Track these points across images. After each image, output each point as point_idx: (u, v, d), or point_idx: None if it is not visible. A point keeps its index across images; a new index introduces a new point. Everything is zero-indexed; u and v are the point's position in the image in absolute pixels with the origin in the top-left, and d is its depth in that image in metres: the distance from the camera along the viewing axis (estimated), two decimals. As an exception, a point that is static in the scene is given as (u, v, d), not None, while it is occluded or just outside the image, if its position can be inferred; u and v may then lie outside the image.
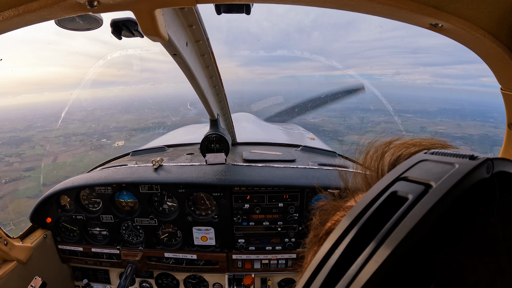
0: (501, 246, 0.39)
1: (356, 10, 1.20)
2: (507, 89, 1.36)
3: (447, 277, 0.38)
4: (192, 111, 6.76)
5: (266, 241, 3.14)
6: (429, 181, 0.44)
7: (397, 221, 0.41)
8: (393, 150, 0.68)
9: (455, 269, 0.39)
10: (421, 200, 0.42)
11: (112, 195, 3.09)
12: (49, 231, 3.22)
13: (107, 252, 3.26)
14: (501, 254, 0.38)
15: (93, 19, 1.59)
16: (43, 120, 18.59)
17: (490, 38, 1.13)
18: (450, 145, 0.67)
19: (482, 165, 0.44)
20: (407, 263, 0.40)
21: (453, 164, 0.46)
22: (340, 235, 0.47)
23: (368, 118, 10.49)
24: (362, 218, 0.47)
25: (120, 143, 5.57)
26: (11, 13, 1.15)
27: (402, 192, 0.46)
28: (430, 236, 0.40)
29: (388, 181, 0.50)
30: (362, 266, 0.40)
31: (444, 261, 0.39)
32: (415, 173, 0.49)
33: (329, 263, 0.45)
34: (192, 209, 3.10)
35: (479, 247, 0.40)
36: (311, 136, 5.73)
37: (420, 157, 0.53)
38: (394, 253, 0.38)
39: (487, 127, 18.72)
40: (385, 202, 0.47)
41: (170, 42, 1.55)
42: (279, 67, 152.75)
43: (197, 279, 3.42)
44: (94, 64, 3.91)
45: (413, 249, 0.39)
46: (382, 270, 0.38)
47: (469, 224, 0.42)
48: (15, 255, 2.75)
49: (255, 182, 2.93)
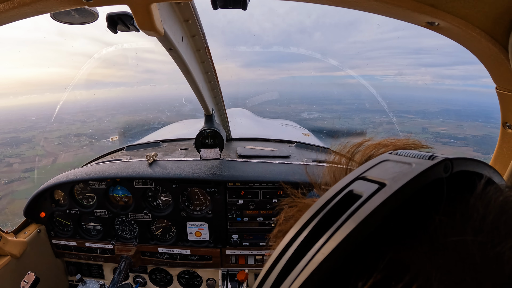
0: (441, 243, 0.40)
1: (353, 7, 1.20)
2: (502, 88, 1.36)
3: (388, 269, 0.39)
4: (187, 106, 6.74)
5: (260, 237, 3.14)
6: (384, 180, 0.46)
7: (348, 217, 0.43)
8: (365, 150, 0.70)
9: (398, 262, 0.40)
10: (372, 197, 0.44)
11: (106, 190, 3.08)
12: (43, 226, 3.21)
13: (101, 247, 3.26)
14: (441, 251, 0.39)
15: (89, 13, 1.58)
16: (44, 121, 18.47)
17: (486, 37, 1.14)
18: (424, 145, 0.68)
19: (439, 164, 0.45)
20: (353, 256, 0.41)
21: (410, 164, 0.48)
22: (298, 231, 0.49)
23: (369, 119, 10.51)
24: (319, 215, 0.49)
25: (115, 137, 5.54)
26: (6, 6, 1.14)
27: (357, 190, 0.48)
28: (379, 231, 0.42)
29: (348, 180, 0.52)
30: (312, 257, 0.42)
31: (389, 254, 0.40)
32: (374, 173, 0.51)
33: (286, 255, 0.47)
34: (186, 205, 3.10)
35: (422, 243, 0.41)
36: (306, 133, 5.75)
37: (384, 157, 0.55)
38: (340, 246, 0.40)
39: (489, 128, 18.78)
40: (342, 200, 0.49)
41: (166, 36, 1.54)
42: (279, 68, 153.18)
43: (191, 275, 3.43)
44: (95, 65, 3.89)
45: (360, 242, 0.41)
46: (328, 261, 0.40)
47: (417, 221, 0.43)
48: (9, 249, 2.74)
49: (250, 178, 2.94)
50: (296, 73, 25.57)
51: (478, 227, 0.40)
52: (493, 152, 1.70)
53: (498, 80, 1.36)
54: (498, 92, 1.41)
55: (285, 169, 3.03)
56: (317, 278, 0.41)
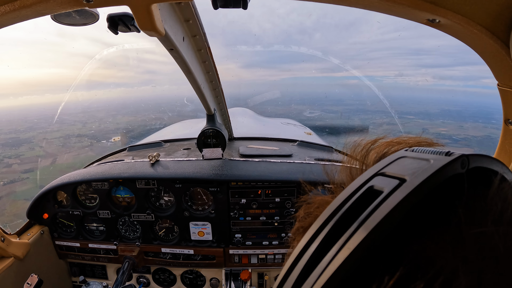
0: (464, 235, 0.41)
1: (354, 5, 1.20)
2: (503, 85, 1.36)
3: (414, 262, 0.40)
4: (189, 106, 6.74)
5: (263, 236, 3.14)
6: (404, 175, 0.47)
7: (370, 212, 0.44)
8: (379, 148, 0.71)
9: (423, 256, 0.40)
10: (394, 193, 0.44)
11: (109, 191, 3.08)
12: (46, 227, 3.21)
13: (104, 248, 3.26)
14: (465, 243, 0.40)
15: (89, 14, 1.59)
16: (44, 122, 18.48)
17: (487, 34, 1.14)
18: (436, 143, 0.69)
19: (456, 160, 0.46)
20: (378, 250, 0.42)
21: (428, 160, 0.49)
22: (319, 227, 0.50)
23: (370, 120, 10.50)
24: (340, 211, 0.50)
25: (116, 138, 5.55)
26: (6, 8, 1.14)
27: (378, 186, 0.50)
28: (402, 225, 0.42)
29: (367, 177, 0.53)
30: (336, 253, 0.43)
31: (413, 248, 0.41)
32: (393, 169, 0.52)
33: (308, 252, 0.48)
34: (189, 204, 3.10)
35: (445, 236, 0.42)
36: (308, 131, 5.74)
37: (400, 154, 0.56)
38: (365, 240, 0.41)
39: (489, 129, 18.77)
40: (363, 196, 0.50)
41: (167, 37, 1.54)
42: (280, 69, 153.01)
43: (194, 274, 3.43)
44: (96, 65, 3.89)
45: (385, 237, 0.42)
46: (353, 256, 0.41)
47: (439, 215, 0.44)
48: (12, 251, 2.74)
49: (252, 177, 2.94)
50: (296, 74, 25.52)
51: (498, 220, 0.41)
52: (495, 149, 1.70)
53: (499, 77, 1.35)
54: (500, 89, 1.40)
55: (287, 168, 3.03)
56: (343, 273, 0.41)
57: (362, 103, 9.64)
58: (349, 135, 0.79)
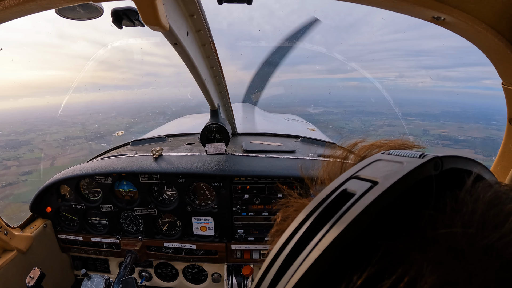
0: (432, 236, 0.41)
1: (360, 2, 1.20)
2: (508, 83, 1.35)
3: (382, 262, 0.41)
4: (192, 101, 6.75)
5: (265, 232, 3.14)
6: (376, 178, 0.48)
7: (342, 214, 0.45)
8: (358, 151, 0.73)
9: (391, 256, 0.41)
10: (365, 195, 0.45)
11: (112, 185, 3.09)
12: (49, 221, 3.23)
13: (106, 242, 3.28)
14: (432, 244, 0.41)
15: (94, 8, 1.59)
16: (44, 123, 18.54)
17: (492, 32, 1.13)
18: (416, 145, 0.70)
19: (428, 162, 0.47)
20: (348, 251, 0.42)
21: (402, 163, 0.50)
22: (294, 229, 0.51)
23: (370, 122, 10.53)
24: (315, 213, 0.51)
25: (120, 132, 5.56)
26: (11, 2, 1.14)
27: (350, 189, 0.51)
28: (372, 226, 0.43)
29: (342, 180, 0.54)
30: (308, 254, 0.44)
31: (382, 248, 0.42)
32: (367, 172, 0.53)
33: (284, 253, 0.49)
34: (191, 199, 3.10)
35: (414, 237, 0.42)
36: (311, 127, 5.74)
37: (376, 157, 0.58)
38: (335, 241, 0.42)
39: (490, 130, 18.76)
40: (336, 198, 0.51)
41: (171, 31, 1.54)
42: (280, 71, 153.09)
43: (196, 269, 3.44)
44: (96, 67, 3.89)
45: (355, 238, 0.42)
46: (324, 256, 0.42)
47: (409, 216, 0.44)
48: (15, 244, 2.76)
49: (255, 173, 2.94)
50: (297, 76, 25.34)
51: (467, 221, 0.42)
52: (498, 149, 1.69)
53: (504, 75, 1.35)
54: (504, 88, 1.40)
55: (290, 164, 3.03)
56: (313, 274, 0.42)
57: (361, 105, 9.72)
58: (354, 129, 0.81)
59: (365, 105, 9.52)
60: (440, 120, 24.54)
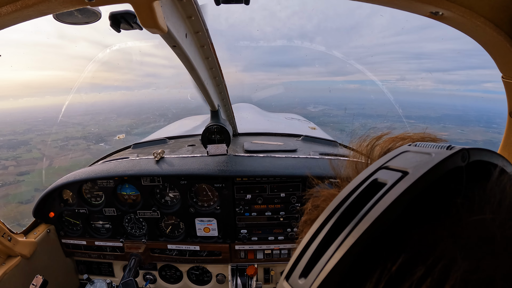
0: (463, 223, 0.43)
1: (357, -1, 1.20)
2: (508, 77, 1.35)
3: (415, 249, 0.42)
4: (193, 102, 6.76)
5: (269, 231, 3.14)
6: (407, 168, 0.49)
7: (374, 203, 0.46)
8: (384, 143, 0.74)
9: (424, 243, 0.42)
10: (397, 185, 0.47)
11: (114, 188, 3.10)
12: (52, 226, 3.23)
13: (110, 245, 3.28)
14: (464, 231, 0.42)
15: (92, 13, 1.59)
16: (43, 124, 18.56)
17: (491, 26, 1.13)
18: (439, 139, 0.71)
19: (456, 154, 0.49)
20: (381, 239, 0.44)
21: (430, 154, 0.51)
22: (326, 218, 0.52)
23: (369, 125, 10.54)
24: (346, 202, 0.52)
25: (121, 136, 5.56)
26: (9, 8, 1.15)
27: (382, 179, 0.52)
28: (404, 215, 0.45)
29: (372, 170, 0.56)
30: (342, 241, 0.45)
31: (415, 236, 0.44)
32: (396, 163, 0.54)
33: (316, 241, 0.50)
34: (194, 201, 3.10)
35: (445, 224, 0.44)
36: (312, 126, 5.74)
37: (404, 148, 0.59)
38: (369, 229, 0.44)
39: (490, 133, 18.76)
40: (367, 188, 0.53)
41: (169, 34, 1.54)
42: (280, 73, 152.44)
43: (200, 270, 3.44)
44: (97, 68, 3.89)
45: (387, 226, 0.44)
46: (358, 244, 0.44)
47: (439, 204, 0.46)
48: (19, 250, 2.76)
49: (257, 173, 2.94)
50: (296, 78, 25.37)
51: (496, 210, 0.43)
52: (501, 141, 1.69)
53: (503, 69, 1.35)
54: (504, 81, 1.40)
55: (292, 163, 3.03)
56: (348, 261, 0.44)
57: (361, 107, 9.74)
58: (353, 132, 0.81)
59: (364, 107, 9.47)
60: (441, 123, 24.55)
